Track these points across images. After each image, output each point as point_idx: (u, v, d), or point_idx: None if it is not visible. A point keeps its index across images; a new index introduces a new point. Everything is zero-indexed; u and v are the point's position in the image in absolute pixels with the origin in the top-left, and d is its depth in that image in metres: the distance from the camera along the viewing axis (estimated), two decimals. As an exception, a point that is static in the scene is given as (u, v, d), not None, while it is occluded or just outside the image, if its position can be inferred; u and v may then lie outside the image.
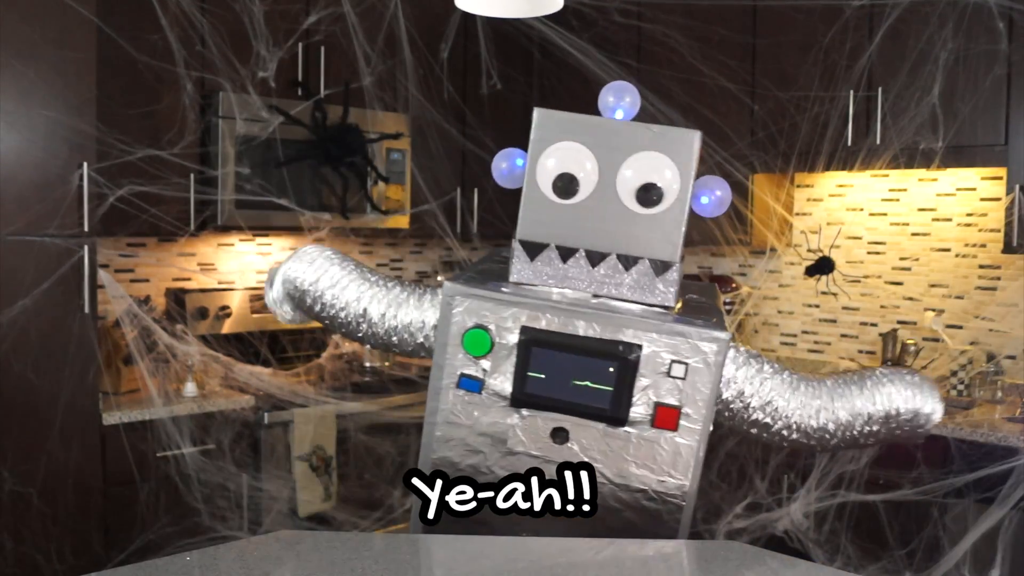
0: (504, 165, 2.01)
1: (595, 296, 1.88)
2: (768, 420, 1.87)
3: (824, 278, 3.78)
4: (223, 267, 4.03)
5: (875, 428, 1.86)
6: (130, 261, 3.77)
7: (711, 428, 1.87)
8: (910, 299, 3.86)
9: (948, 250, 3.76)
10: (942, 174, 3.73)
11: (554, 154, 1.87)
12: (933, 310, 3.75)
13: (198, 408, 3.31)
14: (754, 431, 1.90)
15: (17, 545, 2.90)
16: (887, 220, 3.92)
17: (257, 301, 3.99)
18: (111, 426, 3.12)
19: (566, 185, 1.85)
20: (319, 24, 3.62)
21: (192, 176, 3.45)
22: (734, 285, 4.19)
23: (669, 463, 1.84)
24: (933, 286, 3.80)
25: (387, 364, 4.15)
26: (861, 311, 4.01)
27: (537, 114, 1.89)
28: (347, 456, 3.62)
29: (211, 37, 3.30)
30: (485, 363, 1.86)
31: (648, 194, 1.83)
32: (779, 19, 3.75)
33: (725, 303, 4.09)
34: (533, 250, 1.89)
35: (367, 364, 4.14)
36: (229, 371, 3.55)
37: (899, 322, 3.86)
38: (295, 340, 4.05)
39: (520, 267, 1.90)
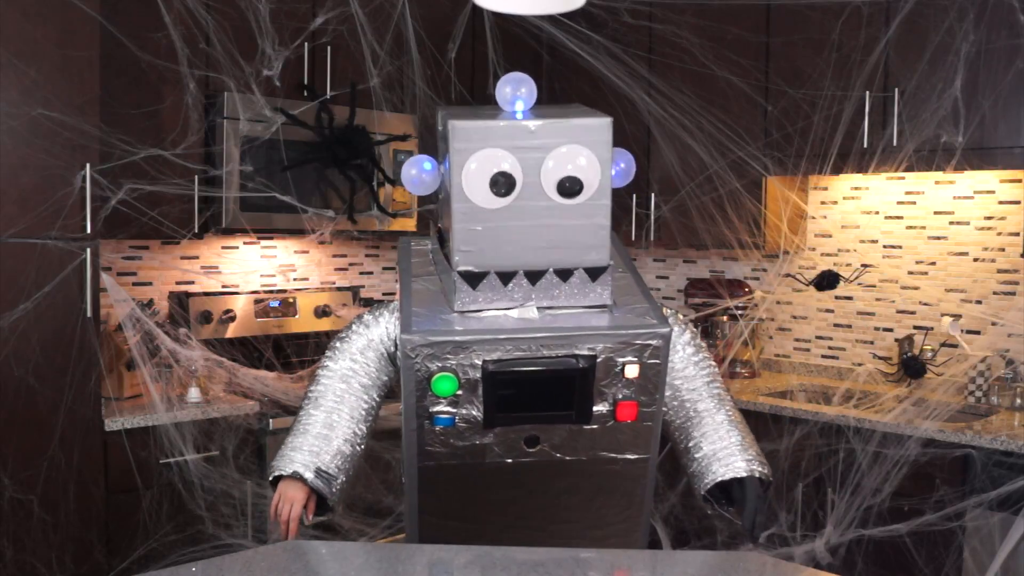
0: (413, 172, 2.04)
1: (539, 308, 1.97)
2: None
3: (841, 278, 3.72)
4: (227, 270, 3.98)
5: None
6: (133, 264, 3.73)
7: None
8: (926, 304, 3.80)
9: (966, 254, 3.70)
10: (960, 177, 3.67)
11: (477, 161, 1.89)
12: (950, 315, 3.68)
13: (201, 414, 3.27)
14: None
15: (17, 553, 2.87)
16: (903, 223, 3.86)
17: (259, 304, 3.94)
18: (113, 432, 3.08)
19: (504, 182, 1.89)
20: (326, 24, 3.59)
21: (196, 178, 3.41)
22: (747, 289, 4.13)
23: (631, 443, 2.03)
24: (950, 291, 3.73)
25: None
26: (876, 316, 3.95)
27: (453, 127, 1.89)
28: (353, 463, 3.55)
29: (216, 35, 3.26)
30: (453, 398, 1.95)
31: (568, 185, 1.90)
32: (793, 17, 3.69)
33: (738, 307, 4.03)
34: (474, 279, 1.96)
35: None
36: (233, 375, 3.51)
37: (915, 327, 3.79)
38: (300, 345, 3.99)
39: (463, 297, 1.97)
